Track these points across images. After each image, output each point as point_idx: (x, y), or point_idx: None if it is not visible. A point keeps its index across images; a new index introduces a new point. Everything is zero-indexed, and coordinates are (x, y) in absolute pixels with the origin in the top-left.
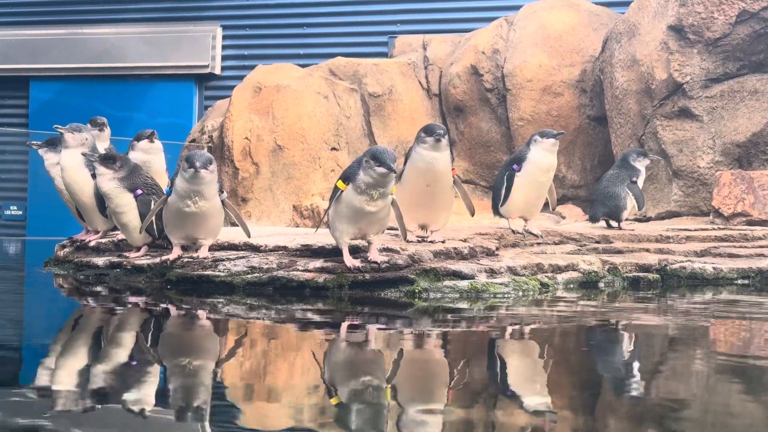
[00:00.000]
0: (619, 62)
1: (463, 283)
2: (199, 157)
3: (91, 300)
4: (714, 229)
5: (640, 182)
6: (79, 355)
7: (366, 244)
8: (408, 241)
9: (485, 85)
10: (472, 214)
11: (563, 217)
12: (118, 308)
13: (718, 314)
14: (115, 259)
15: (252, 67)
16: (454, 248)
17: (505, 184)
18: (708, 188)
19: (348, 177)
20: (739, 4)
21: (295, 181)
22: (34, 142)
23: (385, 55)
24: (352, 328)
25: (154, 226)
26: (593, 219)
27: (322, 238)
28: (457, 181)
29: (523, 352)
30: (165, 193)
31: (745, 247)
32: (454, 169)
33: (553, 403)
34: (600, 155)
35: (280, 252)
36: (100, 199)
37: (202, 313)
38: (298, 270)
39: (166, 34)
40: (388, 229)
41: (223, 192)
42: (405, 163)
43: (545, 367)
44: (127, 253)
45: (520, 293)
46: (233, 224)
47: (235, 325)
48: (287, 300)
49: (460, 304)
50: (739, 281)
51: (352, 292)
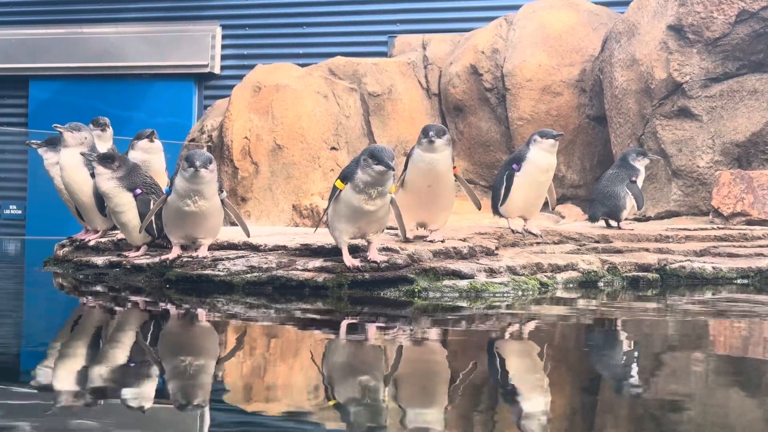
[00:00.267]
0: (619, 62)
1: (463, 283)
2: (199, 156)
3: (91, 299)
4: (713, 229)
5: (640, 182)
6: (79, 354)
7: (365, 244)
8: (407, 241)
9: (485, 84)
10: (479, 208)
11: (563, 217)
12: (118, 307)
13: (718, 314)
14: (115, 259)
15: (251, 67)
16: (454, 248)
17: (505, 184)
18: (707, 188)
19: (346, 176)
20: (738, 4)
21: (294, 181)
22: (34, 142)
23: (384, 55)
24: (351, 328)
25: (154, 226)
26: (592, 219)
27: (322, 237)
28: (460, 179)
29: (522, 352)
30: (164, 192)
31: (745, 247)
32: (455, 168)
33: (553, 403)
34: (599, 155)
35: (280, 251)
36: (100, 198)
37: (201, 313)
38: (298, 269)
39: (166, 34)
40: (388, 229)
41: (222, 191)
42: (406, 164)
43: (544, 366)
44: (126, 253)
45: (520, 293)
46: (233, 224)
47: (234, 324)
48: (287, 299)
49: (460, 304)
50: (739, 281)
51: (352, 292)
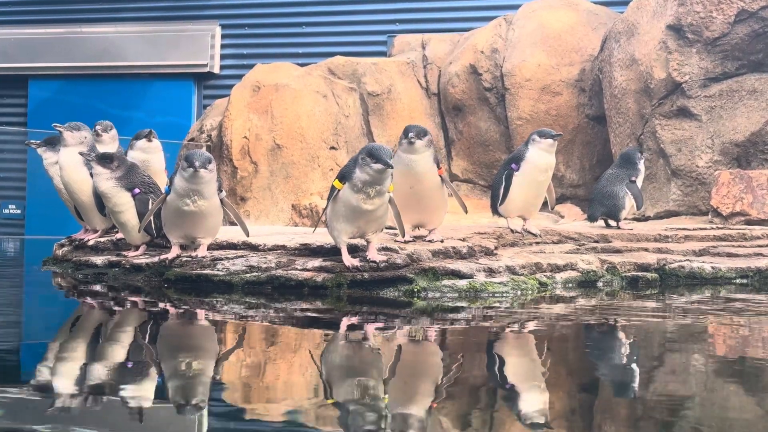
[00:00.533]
0: (618, 61)
1: (462, 283)
2: (199, 156)
3: (90, 299)
4: (712, 229)
5: (639, 181)
6: (78, 354)
7: (365, 244)
8: (406, 242)
9: (484, 84)
10: (466, 212)
11: (562, 217)
12: (117, 307)
13: (717, 313)
14: (114, 258)
15: (251, 66)
16: (453, 247)
17: (504, 184)
18: (706, 188)
19: (344, 176)
20: (737, 4)
21: (293, 180)
22: (33, 141)
23: (383, 55)
24: (350, 327)
25: (153, 225)
26: (592, 218)
27: (321, 237)
28: (446, 180)
29: (521, 351)
30: (163, 191)
31: (744, 247)
32: (440, 169)
33: (552, 402)
34: (599, 154)
35: (279, 251)
36: (99, 198)
37: (200, 312)
38: (297, 269)
39: (165, 33)
40: (387, 228)
41: (221, 191)
42: None
43: (543, 365)
44: (125, 252)
45: (519, 292)
46: (232, 223)
47: (233, 323)
48: (286, 299)
49: (459, 304)
50: (738, 280)
51: (351, 292)
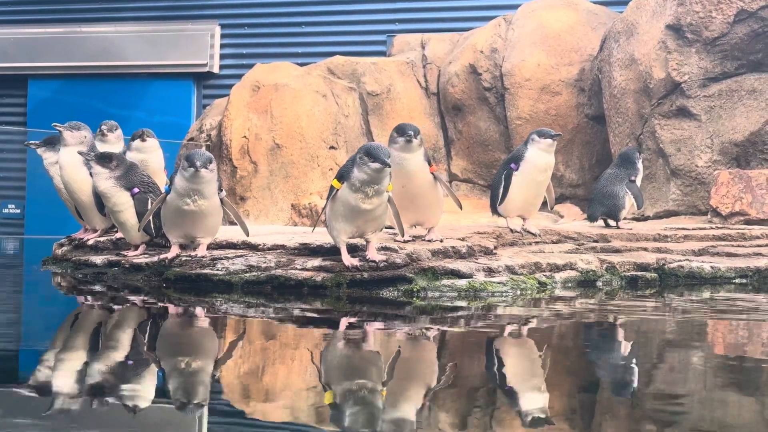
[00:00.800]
0: (618, 61)
1: (461, 282)
2: (200, 156)
3: (90, 298)
4: (712, 228)
5: (639, 181)
6: (78, 354)
7: (364, 243)
8: (405, 241)
9: (483, 84)
10: (461, 208)
11: (561, 216)
12: (117, 307)
13: (716, 313)
14: (114, 258)
15: (250, 66)
16: (452, 247)
17: (503, 183)
18: (706, 187)
19: (343, 175)
20: (737, 4)
21: (293, 180)
22: (32, 142)
23: (383, 54)
24: (350, 327)
25: (152, 225)
26: (592, 218)
27: (321, 236)
28: (439, 178)
29: (520, 351)
30: (162, 191)
31: (743, 246)
32: (432, 167)
33: (551, 401)
34: (598, 154)
35: (279, 251)
36: (99, 197)
37: (200, 312)
38: (296, 269)
39: (165, 33)
40: (386, 228)
41: (222, 190)
42: None
43: (543, 365)
44: (125, 252)
45: (518, 292)
46: (232, 223)
47: (232, 323)
48: (285, 299)
49: (459, 303)
50: (737, 280)
51: (351, 291)
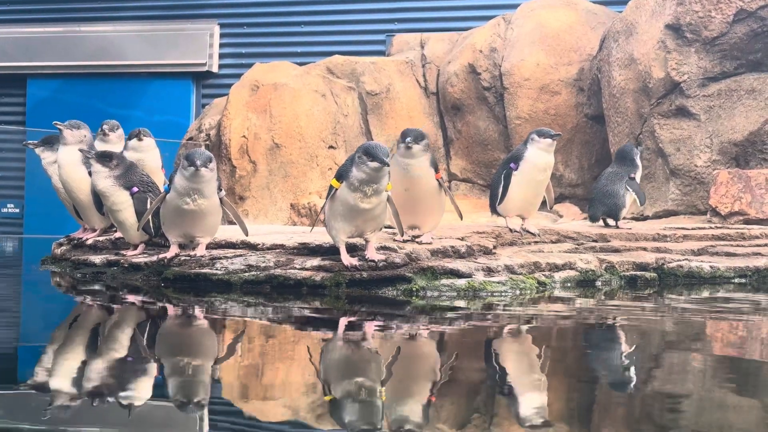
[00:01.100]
0: (617, 61)
1: (461, 282)
2: (200, 155)
3: (89, 298)
4: (711, 228)
5: (638, 177)
6: (77, 353)
7: (363, 243)
8: (404, 241)
9: (483, 83)
10: (461, 218)
11: (560, 216)
12: (115, 306)
13: (716, 312)
14: (113, 257)
15: (249, 66)
16: (452, 247)
17: (503, 183)
18: (705, 187)
19: (341, 175)
20: (736, 3)
21: (292, 180)
22: (31, 142)
23: (382, 54)
24: (349, 327)
25: (151, 224)
26: (593, 218)
27: (320, 236)
28: (443, 186)
29: (520, 351)
30: (161, 190)
31: (742, 246)
32: (438, 173)
33: (550, 401)
34: (597, 154)
35: (278, 250)
36: (98, 196)
37: (199, 311)
38: (296, 268)
39: (164, 32)
40: (385, 228)
41: (221, 190)
42: None
43: (542, 365)
44: (124, 251)
45: (518, 292)
46: (231, 222)
47: (231, 323)
48: (284, 298)
49: (458, 303)
50: (736, 280)
51: (350, 291)
